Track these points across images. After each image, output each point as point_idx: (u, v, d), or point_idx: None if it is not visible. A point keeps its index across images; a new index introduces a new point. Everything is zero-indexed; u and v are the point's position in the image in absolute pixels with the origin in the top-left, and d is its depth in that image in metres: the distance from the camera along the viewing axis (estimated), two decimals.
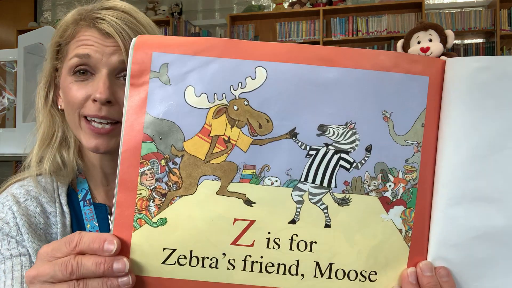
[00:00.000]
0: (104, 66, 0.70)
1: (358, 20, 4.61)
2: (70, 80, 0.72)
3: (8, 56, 2.49)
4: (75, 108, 0.72)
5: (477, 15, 4.42)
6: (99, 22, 0.72)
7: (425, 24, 2.23)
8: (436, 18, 4.51)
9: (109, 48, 0.71)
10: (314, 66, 0.43)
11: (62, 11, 5.67)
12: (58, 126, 0.79)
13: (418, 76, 0.44)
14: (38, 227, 0.74)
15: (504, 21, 4.31)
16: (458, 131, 0.44)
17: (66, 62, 0.74)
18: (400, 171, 0.45)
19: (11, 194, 0.76)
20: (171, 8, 5.08)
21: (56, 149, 0.77)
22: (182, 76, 0.44)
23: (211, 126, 0.44)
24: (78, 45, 0.72)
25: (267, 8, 5.03)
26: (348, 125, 0.44)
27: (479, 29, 4.39)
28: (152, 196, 0.45)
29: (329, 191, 0.45)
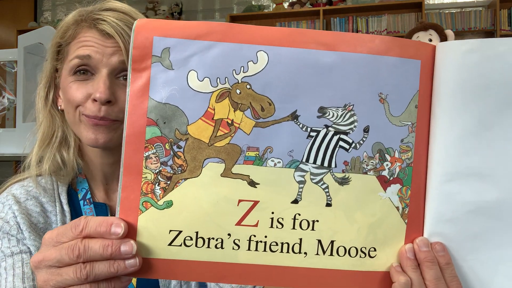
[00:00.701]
0: (104, 67, 0.71)
1: (358, 20, 4.61)
2: (70, 80, 0.73)
3: (8, 56, 2.49)
4: (74, 106, 0.72)
5: (477, 15, 4.42)
6: (100, 23, 0.72)
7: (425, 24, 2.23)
8: (436, 18, 4.51)
9: (110, 49, 0.71)
10: (314, 50, 0.45)
11: (62, 11, 5.67)
12: (58, 126, 0.79)
13: (410, 59, 0.46)
14: (38, 226, 0.74)
15: (504, 21, 4.31)
16: (449, 111, 0.46)
17: (67, 63, 0.74)
18: (396, 150, 0.47)
19: (11, 194, 0.76)
20: (171, 8, 5.08)
21: (56, 148, 0.78)
22: (184, 61, 0.45)
23: (215, 110, 0.45)
24: (79, 46, 0.73)
25: (267, 8, 5.03)
26: (346, 107, 0.46)
27: (479, 29, 4.39)
28: (157, 180, 0.45)
29: (329, 171, 0.46)
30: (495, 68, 0.45)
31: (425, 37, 1.85)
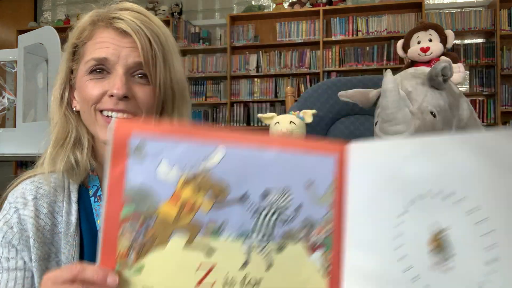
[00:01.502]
0: (121, 65, 0.74)
1: (358, 20, 4.61)
2: (86, 79, 0.76)
3: (8, 56, 2.49)
4: (91, 103, 0.75)
5: (477, 15, 4.42)
6: (116, 22, 0.75)
7: (425, 24, 2.23)
8: (436, 18, 4.51)
9: (126, 49, 0.74)
10: (258, 148, 0.59)
11: (62, 11, 5.67)
12: (72, 127, 0.80)
13: (327, 157, 0.60)
14: (45, 228, 0.76)
15: (504, 21, 4.31)
16: (356, 202, 0.59)
17: (83, 64, 0.76)
18: (320, 223, 0.60)
19: (21, 193, 0.77)
20: (171, 8, 5.08)
21: (70, 149, 0.79)
22: (156, 153, 0.56)
23: (181, 193, 0.57)
24: (95, 48, 0.75)
25: (267, 8, 5.03)
26: (285, 191, 0.60)
27: (479, 29, 4.39)
28: (131, 248, 0.56)
29: (271, 241, 0.59)
30: (399, 168, 0.55)
31: (425, 37, 1.86)
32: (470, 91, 4.40)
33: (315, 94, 1.73)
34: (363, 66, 4.55)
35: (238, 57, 4.84)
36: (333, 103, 1.71)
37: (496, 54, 4.30)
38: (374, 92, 1.22)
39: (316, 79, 4.66)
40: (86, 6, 5.59)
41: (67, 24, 5.30)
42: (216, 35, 5.12)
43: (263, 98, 4.76)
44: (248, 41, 4.84)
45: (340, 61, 4.61)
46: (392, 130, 1.04)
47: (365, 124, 1.71)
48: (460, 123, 1.23)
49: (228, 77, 4.80)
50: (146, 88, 0.76)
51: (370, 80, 1.74)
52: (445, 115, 1.13)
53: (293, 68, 4.71)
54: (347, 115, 1.73)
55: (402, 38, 1.97)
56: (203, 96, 4.92)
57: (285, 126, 1.57)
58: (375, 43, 4.59)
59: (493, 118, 4.31)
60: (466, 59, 4.39)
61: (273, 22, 4.87)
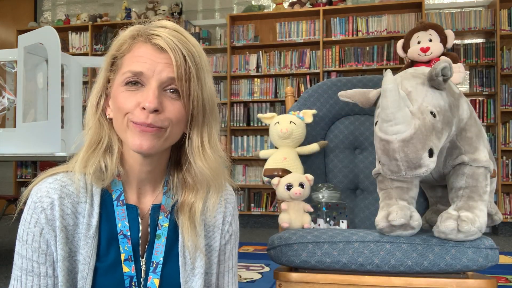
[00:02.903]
0: (155, 80, 0.78)
1: (358, 20, 4.61)
2: (122, 90, 0.79)
3: (8, 56, 2.49)
4: (124, 113, 0.78)
5: (477, 15, 4.42)
6: (154, 38, 0.79)
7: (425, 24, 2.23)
8: (436, 18, 4.51)
9: (161, 64, 0.78)
10: None
11: (62, 11, 5.67)
12: (105, 133, 0.83)
13: None
14: (67, 228, 0.79)
15: (504, 21, 4.31)
16: None
17: (120, 75, 0.80)
18: None
19: (45, 192, 0.79)
20: (171, 8, 5.08)
21: (101, 155, 0.82)
22: None
23: None
24: (133, 61, 0.79)
25: (267, 8, 5.03)
26: None
27: (479, 29, 4.39)
28: None
29: None
30: None
31: (425, 37, 1.85)
32: (470, 91, 4.40)
33: (315, 94, 1.73)
34: (363, 66, 4.55)
35: (238, 57, 4.84)
36: (333, 103, 1.71)
37: (496, 54, 4.30)
38: (374, 92, 1.22)
39: (316, 79, 4.66)
40: (86, 6, 5.59)
41: (67, 24, 5.30)
42: (216, 35, 5.12)
43: (263, 98, 4.76)
44: (248, 41, 4.84)
45: (340, 61, 4.61)
46: (392, 130, 1.04)
47: (365, 124, 1.71)
48: (460, 123, 1.23)
49: (228, 77, 4.80)
50: (176, 103, 0.80)
51: (370, 80, 1.74)
52: (445, 115, 1.13)
53: (293, 68, 4.71)
54: (347, 115, 1.73)
55: (402, 38, 1.97)
56: None
57: (285, 126, 1.57)
58: (375, 43, 4.59)
59: (493, 118, 4.31)
60: (466, 59, 4.39)
61: (273, 22, 4.87)
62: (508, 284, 2.49)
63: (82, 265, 0.79)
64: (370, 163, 1.66)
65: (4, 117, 2.54)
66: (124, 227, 0.82)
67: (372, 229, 1.28)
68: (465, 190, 1.20)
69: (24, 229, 0.79)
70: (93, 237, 0.80)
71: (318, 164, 1.69)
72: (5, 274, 2.60)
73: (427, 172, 1.06)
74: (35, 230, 0.78)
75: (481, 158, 1.22)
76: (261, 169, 4.62)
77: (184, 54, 0.79)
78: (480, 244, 1.13)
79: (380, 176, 1.30)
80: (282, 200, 1.42)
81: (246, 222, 4.78)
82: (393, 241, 1.16)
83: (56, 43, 2.15)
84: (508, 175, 4.24)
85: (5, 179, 5.29)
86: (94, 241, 0.80)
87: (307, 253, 1.20)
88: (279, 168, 1.49)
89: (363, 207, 1.63)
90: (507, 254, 3.30)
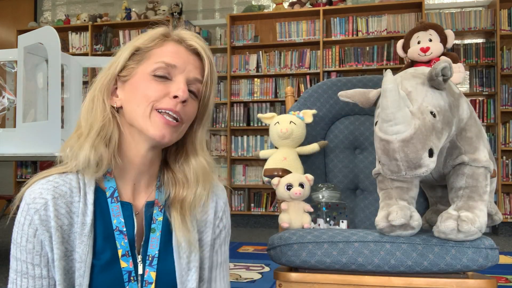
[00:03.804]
0: (183, 76, 0.83)
1: (358, 20, 4.61)
2: (149, 79, 0.82)
3: (8, 56, 2.49)
4: (150, 101, 0.81)
5: (477, 15, 4.42)
6: (189, 40, 0.86)
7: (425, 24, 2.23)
8: (436, 18, 4.51)
9: (191, 65, 0.85)
10: None
11: (62, 11, 5.67)
12: (108, 120, 0.83)
13: None
14: (63, 228, 0.79)
15: (504, 21, 4.31)
16: None
17: (148, 65, 0.83)
18: None
19: (39, 193, 0.79)
20: (171, 8, 5.08)
21: (100, 141, 0.81)
22: None
23: None
24: (166, 55, 0.84)
25: (267, 8, 5.03)
26: None
27: (479, 29, 4.39)
28: None
29: None
30: None
31: (425, 37, 1.85)
32: (470, 91, 4.40)
33: (315, 94, 1.73)
34: (363, 66, 4.55)
35: (238, 57, 4.84)
36: (333, 103, 1.71)
37: (496, 54, 4.30)
38: (374, 92, 1.22)
39: (316, 79, 4.66)
40: (86, 6, 5.59)
41: (67, 24, 5.30)
42: (216, 35, 5.12)
43: (263, 98, 4.76)
44: (248, 41, 4.84)
45: (340, 61, 4.61)
46: (392, 130, 1.04)
47: (365, 124, 1.71)
48: (460, 123, 1.23)
49: (228, 77, 4.80)
50: (194, 103, 0.87)
51: (370, 80, 1.74)
52: (445, 115, 1.13)
53: (293, 68, 4.71)
54: (347, 115, 1.73)
55: (402, 38, 1.97)
56: None
57: (285, 126, 1.57)
58: (375, 43, 4.59)
59: (493, 118, 4.31)
60: (466, 59, 4.39)
61: (273, 22, 4.87)
62: (508, 284, 2.49)
63: (79, 264, 0.79)
64: (370, 163, 1.66)
65: (4, 117, 2.54)
66: (120, 223, 0.83)
67: (372, 229, 1.28)
68: (465, 190, 1.20)
69: (18, 231, 0.79)
70: (88, 235, 0.80)
71: (318, 164, 1.69)
72: (5, 274, 2.60)
73: (427, 172, 1.06)
74: (29, 232, 0.78)
75: (481, 158, 1.22)
76: (261, 169, 4.62)
77: (211, 61, 0.87)
78: (480, 244, 1.13)
79: (380, 176, 1.30)
80: (282, 200, 1.42)
81: (246, 222, 4.78)
82: (393, 241, 1.16)
83: (56, 43, 2.15)
84: (508, 175, 4.24)
85: (5, 179, 5.29)
86: (90, 239, 0.80)
87: (307, 253, 1.20)
88: (279, 168, 1.49)
89: (363, 207, 1.63)
90: (507, 254, 3.30)
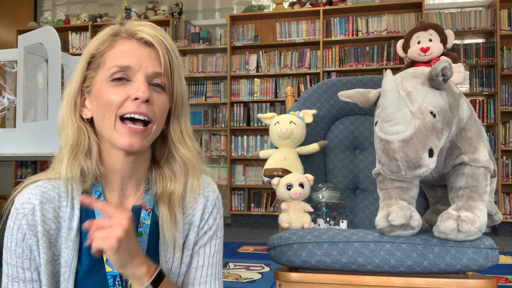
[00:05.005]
0: (141, 73, 0.79)
1: (358, 20, 4.61)
2: (108, 85, 0.79)
3: (8, 56, 2.49)
4: (113, 108, 0.78)
5: (477, 15, 4.42)
6: (139, 33, 0.81)
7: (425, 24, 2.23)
8: (436, 18, 4.51)
9: (147, 59, 0.80)
10: None
11: (62, 11, 5.67)
12: (83, 135, 0.82)
13: None
14: (50, 233, 0.80)
15: (504, 21, 4.31)
16: None
17: (104, 71, 0.80)
18: None
19: (27, 198, 0.80)
20: (171, 8, 5.08)
21: (83, 158, 0.81)
22: None
23: None
24: (118, 56, 0.80)
25: (267, 8, 5.03)
26: None
27: (479, 29, 4.39)
28: None
29: None
30: None
31: (425, 37, 1.85)
32: (470, 91, 4.40)
33: (315, 94, 1.73)
34: (363, 66, 4.55)
35: (238, 57, 4.84)
36: (333, 103, 1.71)
37: (496, 54, 4.30)
38: (374, 92, 1.22)
39: (316, 79, 4.66)
40: (86, 6, 5.59)
41: (67, 24, 5.30)
42: (216, 35, 5.12)
43: (263, 98, 4.76)
44: (248, 41, 4.84)
45: (340, 61, 4.61)
46: (392, 130, 1.04)
47: (365, 124, 1.71)
48: (460, 123, 1.23)
49: (228, 77, 4.80)
50: (162, 96, 0.82)
51: (370, 80, 1.74)
52: (445, 115, 1.13)
53: (293, 68, 4.70)
54: (347, 115, 1.73)
55: (402, 38, 1.97)
56: (203, 96, 4.92)
57: (285, 126, 1.57)
58: (375, 43, 4.59)
59: (493, 118, 4.31)
60: (466, 59, 4.39)
61: (273, 22, 4.87)
62: (508, 284, 2.49)
63: (64, 268, 0.80)
64: (370, 163, 1.66)
65: (4, 117, 2.54)
66: None
67: (372, 229, 1.28)
68: (465, 190, 1.19)
69: (8, 236, 0.80)
70: (74, 239, 0.80)
71: (318, 164, 1.69)
72: None
73: (427, 172, 1.06)
74: (18, 236, 0.79)
75: (481, 158, 1.22)
76: (261, 169, 4.62)
77: (168, 48, 0.81)
78: (480, 244, 1.13)
79: (380, 176, 1.30)
80: (282, 200, 1.42)
81: (246, 222, 4.78)
82: (393, 241, 1.16)
83: (56, 43, 2.15)
84: (508, 175, 4.23)
85: (5, 179, 5.29)
86: (75, 243, 0.80)
87: (307, 253, 1.20)
88: (279, 168, 1.49)
89: (363, 207, 1.63)
90: (507, 254, 3.30)
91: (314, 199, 1.48)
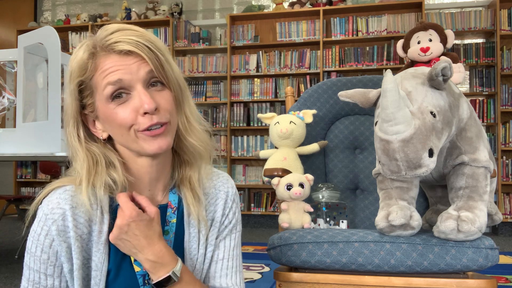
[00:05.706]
0: (137, 82, 0.77)
1: (358, 20, 4.61)
2: (112, 107, 0.78)
3: (8, 56, 2.49)
4: (128, 126, 0.78)
5: (477, 15, 4.42)
6: (115, 46, 0.77)
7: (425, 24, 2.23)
8: (436, 18, 4.51)
9: (134, 65, 0.77)
10: None
11: (62, 11, 5.67)
12: (98, 154, 0.82)
13: None
14: (82, 237, 0.79)
15: (504, 21, 4.31)
16: None
17: (100, 93, 0.79)
18: None
19: (56, 203, 0.79)
20: (171, 8, 5.08)
21: (106, 173, 0.81)
22: None
23: None
24: (105, 75, 0.77)
25: (267, 8, 5.03)
26: None
27: (479, 29, 4.39)
28: None
29: None
30: None
31: (425, 37, 1.85)
32: (470, 91, 4.40)
33: (315, 94, 1.73)
34: (363, 66, 4.55)
35: (238, 57, 4.84)
36: (333, 103, 1.71)
37: (496, 54, 4.30)
38: (374, 92, 1.22)
39: (316, 79, 4.66)
40: (86, 6, 5.59)
41: (67, 24, 5.30)
42: (216, 35, 5.12)
43: (263, 98, 4.76)
44: (248, 41, 4.84)
45: (340, 61, 4.61)
46: (392, 130, 1.04)
47: (365, 124, 1.71)
48: (460, 123, 1.23)
49: (228, 77, 4.80)
50: (164, 93, 0.81)
51: (370, 80, 1.74)
52: (445, 115, 1.13)
53: (293, 68, 4.70)
54: (347, 115, 1.73)
55: (402, 38, 1.97)
56: (203, 96, 4.92)
57: (285, 126, 1.57)
58: (375, 43, 4.59)
59: (493, 118, 4.31)
60: (466, 59, 4.39)
61: (273, 22, 4.87)
62: (508, 284, 2.49)
63: (95, 272, 0.80)
64: (370, 163, 1.66)
65: (4, 117, 2.54)
66: None
67: (372, 229, 1.28)
68: (465, 190, 1.19)
69: (33, 241, 0.79)
70: (105, 243, 0.80)
71: (318, 164, 1.69)
72: (5, 274, 2.60)
73: (427, 172, 1.06)
74: (45, 242, 0.78)
75: (481, 158, 1.22)
76: (261, 169, 4.62)
77: (148, 45, 0.78)
78: (480, 244, 1.13)
79: (380, 176, 1.30)
80: (282, 200, 1.42)
81: (246, 222, 4.78)
82: (393, 241, 1.16)
83: (56, 43, 2.15)
84: (508, 175, 4.23)
85: (5, 179, 5.29)
86: (106, 247, 0.80)
87: (307, 253, 1.20)
88: (279, 168, 1.49)
89: (363, 207, 1.63)
90: (507, 254, 3.30)
91: (314, 199, 1.48)
